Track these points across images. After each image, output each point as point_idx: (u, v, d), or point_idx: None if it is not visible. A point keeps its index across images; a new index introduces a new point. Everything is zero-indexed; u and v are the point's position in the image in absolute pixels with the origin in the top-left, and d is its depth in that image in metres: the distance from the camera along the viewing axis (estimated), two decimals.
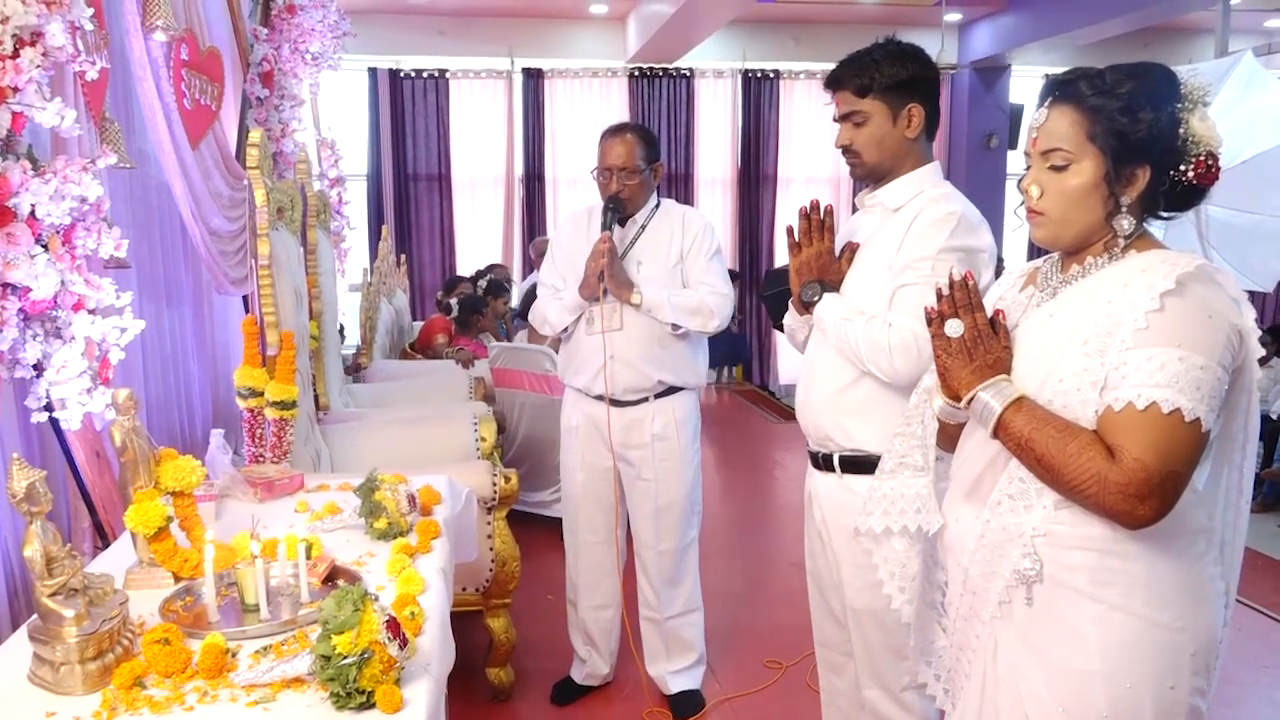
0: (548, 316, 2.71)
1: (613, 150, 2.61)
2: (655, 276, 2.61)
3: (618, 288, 2.55)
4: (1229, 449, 1.30)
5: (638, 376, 2.62)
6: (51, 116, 1.58)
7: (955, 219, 1.83)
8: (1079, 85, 1.28)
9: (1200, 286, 1.22)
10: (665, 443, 2.68)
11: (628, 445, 2.68)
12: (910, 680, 1.89)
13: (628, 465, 2.72)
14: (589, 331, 2.63)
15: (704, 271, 2.64)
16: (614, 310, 2.58)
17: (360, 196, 7.85)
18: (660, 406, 2.67)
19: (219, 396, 3.03)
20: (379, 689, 1.22)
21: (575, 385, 2.74)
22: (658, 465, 2.68)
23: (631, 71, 8.44)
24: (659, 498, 2.70)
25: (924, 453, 1.53)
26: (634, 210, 2.66)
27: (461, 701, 2.72)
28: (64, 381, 1.70)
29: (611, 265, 2.53)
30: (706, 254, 2.65)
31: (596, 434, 2.69)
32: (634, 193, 2.62)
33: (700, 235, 2.65)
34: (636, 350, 2.60)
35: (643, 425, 2.66)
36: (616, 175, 2.60)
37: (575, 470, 2.78)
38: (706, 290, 2.61)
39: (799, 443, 2.11)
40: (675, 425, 2.68)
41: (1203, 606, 1.28)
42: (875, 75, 1.87)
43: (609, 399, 2.62)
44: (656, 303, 2.56)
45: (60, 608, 1.30)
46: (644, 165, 2.61)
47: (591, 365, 2.63)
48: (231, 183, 2.86)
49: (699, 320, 2.60)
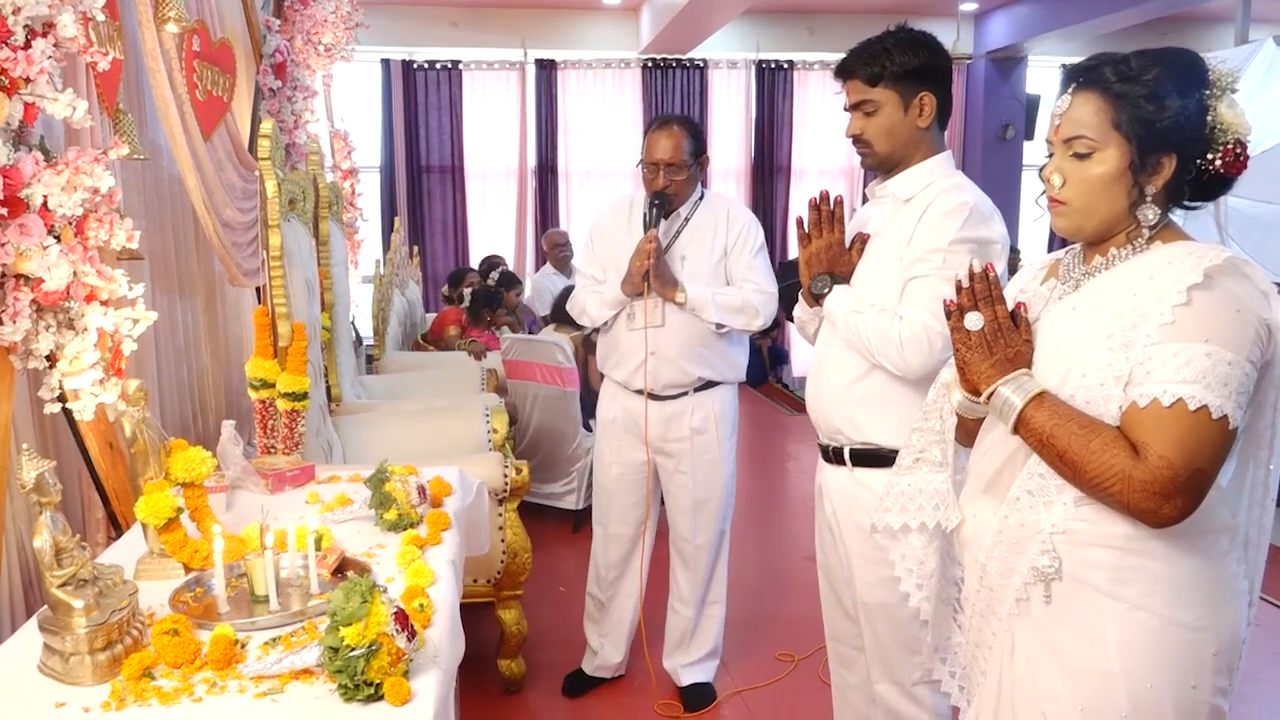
0: (587, 309, 2.69)
1: (660, 144, 2.57)
2: (699, 273, 2.59)
3: (663, 286, 2.53)
4: (1255, 446, 1.27)
5: (678, 373, 2.61)
6: (63, 108, 1.58)
7: (967, 210, 1.81)
8: (1104, 71, 1.25)
9: (1228, 280, 1.19)
10: (704, 436, 2.66)
11: (666, 439, 2.67)
12: (922, 675, 1.88)
13: (666, 458, 2.70)
14: (630, 327, 2.61)
15: (748, 269, 2.61)
16: (656, 306, 2.56)
17: (373, 188, 7.85)
18: (699, 400, 2.65)
19: (231, 388, 3.04)
20: (387, 681, 1.22)
21: (615, 378, 2.72)
22: (696, 459, 2.67)
23: (645, 63, 8.40)
24: (697, 491, 2.69)
25: (942, 448, 1.50)
26: (679, 205, 2.63)
27: (473, 693, 2.72)
28: (77, 373, 1.70)
29: (657, 264, 2.50)
30: (751, 251, 2.62)
31: (633, 427, 2.68)
32: (680, 188, 2.59)
33: (745, 231, 2.62)
34: (678, 347, 2.58)
35: (681, 419, 2.65)
36: (664, 170, 2.56)
37: (610, 463, 2.76)
38: (751, 288, 2.59)
39: (810, 435, 2.09)
40: (714, 419, 2.66)
41: (1225, 606, 1.26)
42: (886, 64, 1.84)
43: (648, 394, 2.61)
44: (701, 301, 2.54)
45: (70, 598, 1.30)
46: (691, 159, 2.58)
47: (632, 360, 2.62)
48: (244, 174, 2.86)
49: (743, 319, 2.57)
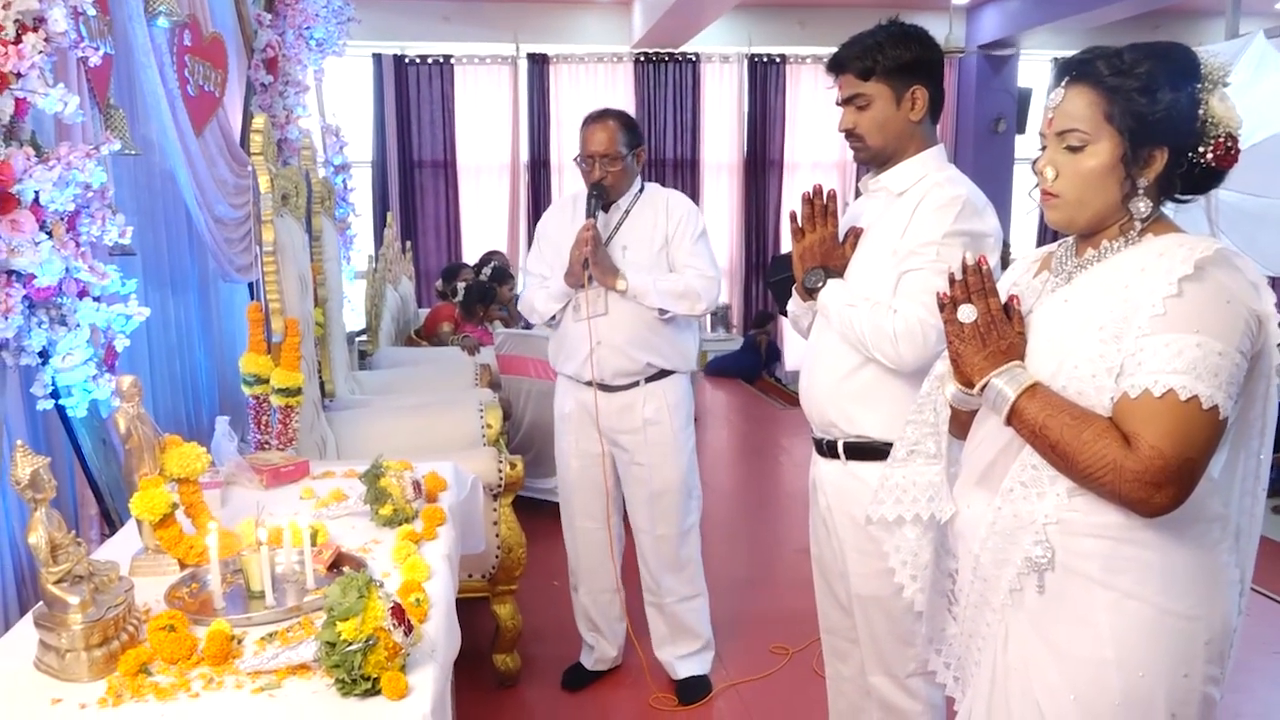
0: (535, 305, 2.71)
1: (594, 137, 2.60)
2: (640, 261, 2.60)
3: (603, 274, 2.54)
4: (1246, 436, 1.28)
5: (625, 361, 2.61)
6: (54, 103, 1.57)
7: (960, 203, 1.81)
8: (1097, 65, 1.26)
9: (1219, 271, 1.20)
10: (657, 427, 2.66)
11: (619, 430, 2.68)
12: (916, 666, 1.89)
13: (621, 450, 2.71)
14: (575, 318, 2.62)
15: (690, 255, 2.62)
16: (599, 296, 2.57)
17: (365, 183, 7.84)
18: (651, 391, 2.66)
19: (224, 383, 3.03)
20: (384, 675, 1.22)
21: (565, 372, 2.73)
22: (650, 450, 2.67)
23: (637, 56, 8.40)
24: (653, 483, 2.70)
25: (936, 440, 1.51)
26: (617, 196, 2.64)
27: (469, 688, 2.73)
28: (70, 369, 1.69)
29: (595, 252, 2.52)
30: (691, 237, 2.63)
31: (588, 420, 2.68)
32: (617, 179, 2.61)
33: (685, 218, 2.64)
34: (623, 335, 2.59)
35: (634, 410, 2.66)
36: (599, 162, 2.59)
37: (569, 457, 2.78)
38: (693, 274, 2.60)
39: (804, 429, 2.10)
40: (667, 409, 2.67)
41: (1217, 595, 1.27)
42: (878, 58, 1.84)
43: (596, 385, 2.61)
44: (642, 288, 2.55)
45: (65, 594, 1.30)
46: (626, 151, 2.60)
47: (579, 352, 2.63)
48: (236, 169, 2.85)
49: (685, 304, 2.59)
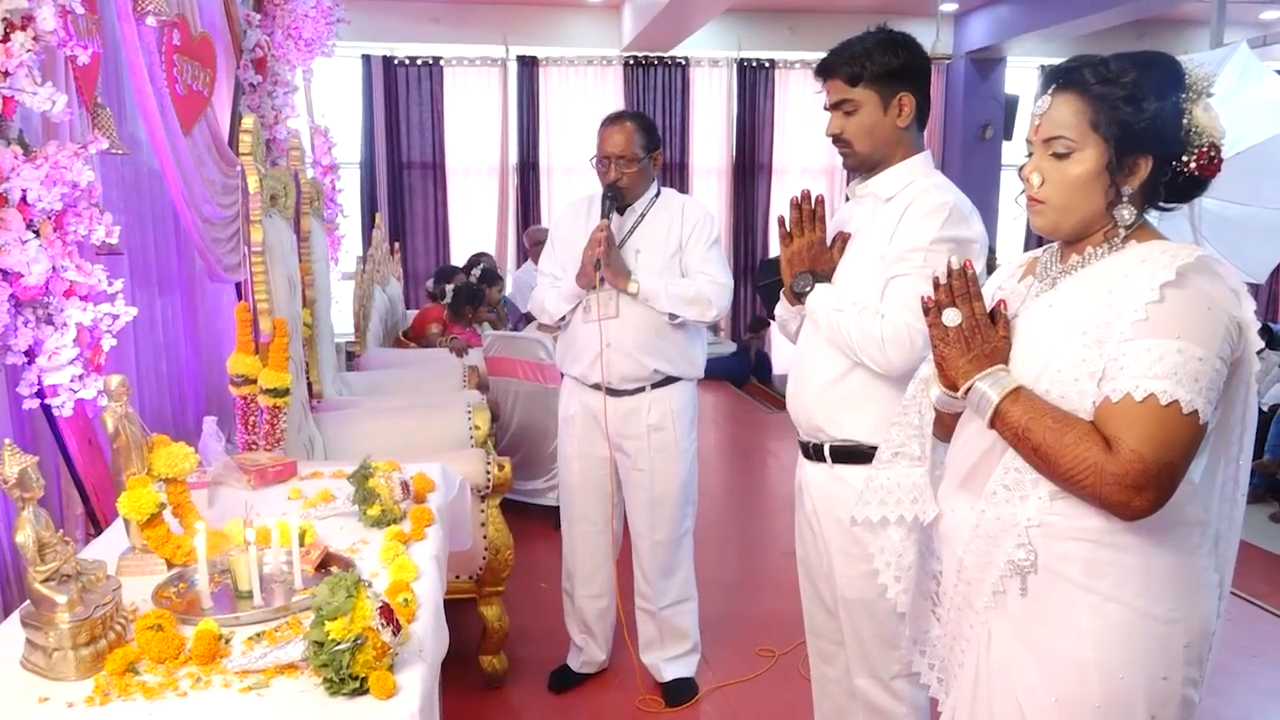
0: (545, 305, 2.70)
1: (611, 138, 2.60)
2: (653, 265, 2.60)
3: (614, 276, 2.54)
4: (1226, 441, 1.30)
5: (634, 365, 2.62)
6: (42, 101, 1.57)
7: (947, 209, 1.83)
8: (1083, 73, 1.27)
9: (1200, 278, 1.22)
10: (661, 433, 2.67)
11: (624, 435, 2.68)
12: (901, 669, 1.90)
13: (624, 455, 2.71)
14: (585, 320, 2.62)
15: (703, 261, 2.62)
16: (610, 298, 2.57)
17: (354, 184, 7.82)
18: (657, 397, 2.66)
19: (212, 383, 3.02)
20: (372, 675, 1.22)
21: (572, 374, 2.73)
22: (653, 456, 2.68)
23: (626, 60, 8.41)
24: (654, 488, 2.70)
25: (921, 442, 1.53)
26: (633, 199, 2.64)
27: (455, 689, 2.73)
28: (56, 368, 1.69)
29: (608, 254, 2.52)
30: (705, 243, 2.63)
31: (593, 423, 2.69)
32: (633, 181, 2.61)
33: (699, 224, 2.64)
34: (633, 339, 2.59)
35: (639, 415, 2.66)
36: (615, 163, 2.59)
37: (572, 459, 2.77)
38: (705, 280, 2.60)
39: (790, 432, 2.11)
40: (672, 416, 2.67)
41: (1196, 599, 1.28)
42: (866, 64, 1.86)
43: (605, 388, 2.62)
44: (653, 292, 2.55)
45: (53, 593, 1.30)
46: (643, 153, 2.60)
47: (588, 353, 2.63)
48: (224, 169, 2.84)
49: (696, 310, 2.59)
